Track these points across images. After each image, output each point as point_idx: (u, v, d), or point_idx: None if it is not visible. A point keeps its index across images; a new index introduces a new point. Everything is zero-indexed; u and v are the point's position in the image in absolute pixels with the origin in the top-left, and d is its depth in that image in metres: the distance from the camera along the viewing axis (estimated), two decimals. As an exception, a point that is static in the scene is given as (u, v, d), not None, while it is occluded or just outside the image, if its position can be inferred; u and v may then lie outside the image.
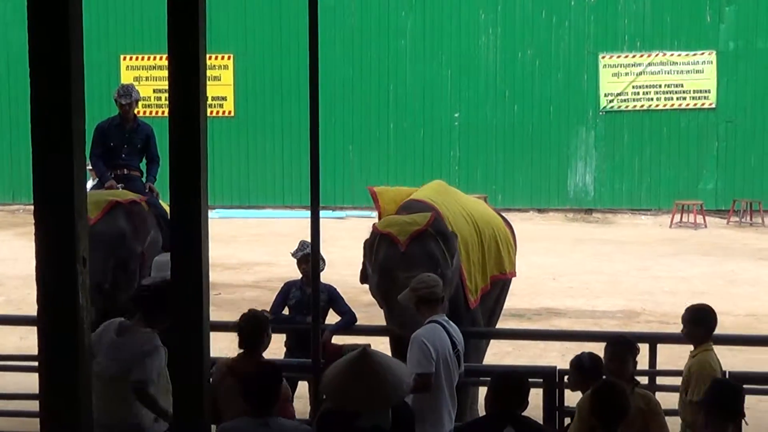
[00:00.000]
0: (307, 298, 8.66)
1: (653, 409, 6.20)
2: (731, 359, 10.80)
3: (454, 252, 8.51)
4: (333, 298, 8.94)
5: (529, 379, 6.06)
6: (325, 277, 8.96)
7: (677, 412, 7.63)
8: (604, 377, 6.27)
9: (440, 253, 8.34)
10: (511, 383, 5.58)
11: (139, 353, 6.29)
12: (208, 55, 4.64)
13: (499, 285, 9.63)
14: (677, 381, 8.88)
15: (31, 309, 4.32)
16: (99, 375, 5.96)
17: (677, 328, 13.30)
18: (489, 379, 6.09)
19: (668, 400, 7.80)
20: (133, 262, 8.84)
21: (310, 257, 8.65)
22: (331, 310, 8.94)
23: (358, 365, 4.99)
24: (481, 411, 8.54)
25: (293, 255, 9.17)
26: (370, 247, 8.60)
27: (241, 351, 6.76)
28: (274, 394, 5.56)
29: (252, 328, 6.79)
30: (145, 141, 10.56)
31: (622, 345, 6.44)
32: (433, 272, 8.07)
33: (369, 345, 6.90)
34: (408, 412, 5.31)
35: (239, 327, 6.84)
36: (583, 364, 6.55)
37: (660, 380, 8.80)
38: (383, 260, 8.40)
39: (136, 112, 10.83)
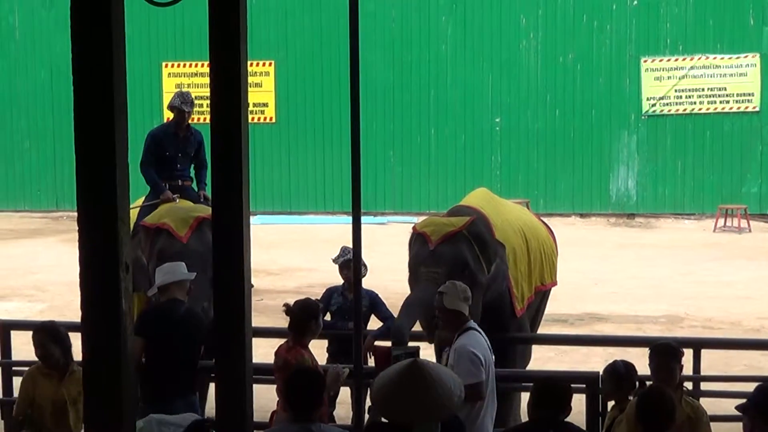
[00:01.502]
0: (348, 303, 8.68)
1: (700, 417, 6.15)
2: (777, 364, 10.72)
3: (493, 259, 8.49)
4: (375, 304, 8.95)
5: (572, 385, 6.03)
6: (367, 282, 8.93)
7: (722, 417, 7.58)
8: (650, 383, 6.22)
9: (472, 256, 8.34)
10: (554, 388, 5.55)
11: None
12: (249, 62, 4.66)
13: (540, 295, 9.63)
14: (722, 386, 8.86)
15: (75, 315, 4.34)
16: None
17: (722, 333, 13.32)
18: (532, 384, 6.06)
19: (714, 406, 7.75)
20: None
21: (351, 263, 8.68)
22: (372, 316, 8.95)
23: (408, 376, 4.83)
24: (524, 416, 8.53)
25: (334, 261, 9.19)
26: (408, 246, 8.70)
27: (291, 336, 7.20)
28: (317, 400, 5.55)
29: (300, 314, 7.23)
30: (197, 148, 10.56)
31: (668, 354, 6.38)
32: (459, 273, 8.11)
33: (418, 348, 6.89)
34: (459, 425, 5.22)
35: (291, 312, 7.30)
36: (618, 371, 6.49)
37: (704, 386, 8.73)
38: (412, 258, 8.57)
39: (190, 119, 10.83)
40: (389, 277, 12.03)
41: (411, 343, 7.76)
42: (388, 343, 7.79)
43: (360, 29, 7.23)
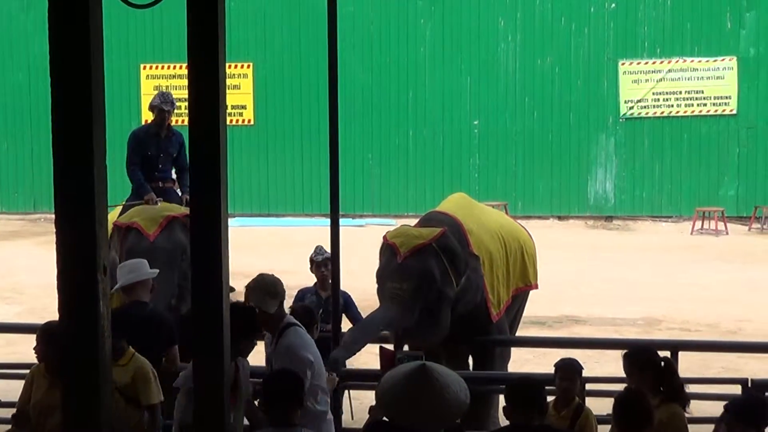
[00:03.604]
0: (323, 302, 8.76)
1: (676, 423, 6.15)
2: (753, 367, 10.77)
3: (463, 271, 8.46)
4: (347, 305, 9.00)
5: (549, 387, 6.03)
6: (343, 284, 8.97)
7: (700, 419, 7.61)
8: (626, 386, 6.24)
9: (440, 270, 8.29)
10: (526, 389, 5.52)
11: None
12: (227, 64, 4.65)
13: (520, 297, 9.64)
14: (699, 388, 8.88)
15: (53, 317, 4.33)
16: None
17: (699, 335, 13.37)
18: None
19: (692, 408, 7.76)
20: None
21: (326, 262, 8.83)
22: (344, 316, 8.97)
23: (416, 380, 4.72)
24: (502, 419, 8.54)
25: (313, 258, 9.23)
26: (379, 255, 8.69)
27: None
28: (294, 401, 5.54)
29: (304, 319, 7.16)
30: (179, 149, 10.56)
31: (637, 356, 6.40)
32: (426, 288, 8.13)
33: (423, 353, 6.84)
34: (459, 431, 5.15)
35: (294, 316, 7.16)
36: (576, 367, 6.55)
37: (681, 388, 8.75)
38: (380, 269, 8.53)
39: (173, 120, 10.82)
40: (368, 279, 12.03)
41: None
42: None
43: (338, 31, 7.24)
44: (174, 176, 10.80)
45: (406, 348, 8.30)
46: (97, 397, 3.89)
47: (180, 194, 10.52)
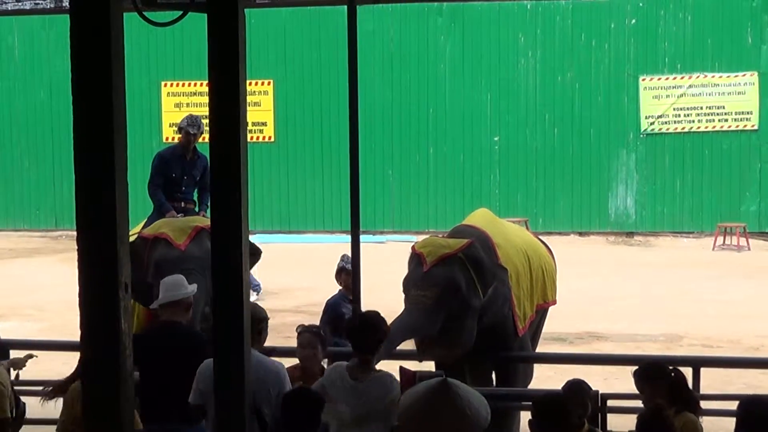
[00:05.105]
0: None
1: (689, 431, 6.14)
2: (776, 383, 10.71)
3: (490, 282, 8.46)
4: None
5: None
6: (365, 300, 8.98)
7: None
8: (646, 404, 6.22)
9: (465, 280, 8.30)
10: (551, 405, 5.50)
11: (388, 401, 6.15)
12: (248, 81, 4.67)
13: (540, 313, 9.65)
14: (721, 405, 8.84)
15: (74, 334, 4.34)
16: (341, 418, 6.07)
17: (721, 351, 13.30)
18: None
19: (714, 425, 7.73)
20: None
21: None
22: None
23: (438, 396, 4.68)
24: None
25: (344, 266, 9.26)
26: (408, 264, 8.73)
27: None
28: (313, 422, 5.53)
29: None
30: (202, 171, 10.67)
31: (645, 371, 6.42)
32: (450, 296, 8.14)
33: (443, 372, 6.81)
34: None
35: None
36: (585, 387, 6.56)
37: (704, 404, 8.70)
38: (406, 278, 8.56)
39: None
40: (389, 295, 12.03)
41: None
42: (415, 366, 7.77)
43: (358, 48, 7.26)
44: (195, 197, 10.91)
45: (426, 366, 8.28)
46: (118, 413, 3.90)
47: (198, 212, 10.61)
